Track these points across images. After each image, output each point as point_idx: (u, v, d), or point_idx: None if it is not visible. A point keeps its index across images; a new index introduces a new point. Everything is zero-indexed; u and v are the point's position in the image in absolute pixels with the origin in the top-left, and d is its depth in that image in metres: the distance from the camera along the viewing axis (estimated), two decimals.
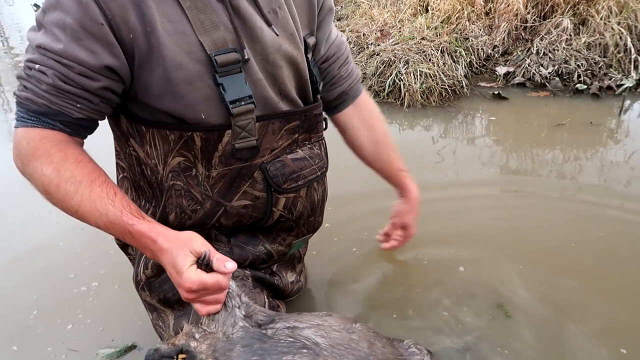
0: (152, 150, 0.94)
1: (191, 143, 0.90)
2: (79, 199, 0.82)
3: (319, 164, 1.07)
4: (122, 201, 0.84)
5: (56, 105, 0.83)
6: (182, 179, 0.95)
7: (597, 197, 1.91)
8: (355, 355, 0.87)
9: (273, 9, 0.94)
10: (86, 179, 0.83)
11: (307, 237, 1.19)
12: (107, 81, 0.83)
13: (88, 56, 0.80)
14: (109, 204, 0.82)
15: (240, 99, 0.88)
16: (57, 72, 0.80)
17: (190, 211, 0.98)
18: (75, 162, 0.84)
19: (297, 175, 1.02)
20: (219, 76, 0.86)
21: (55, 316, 1.37)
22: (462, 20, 3.62)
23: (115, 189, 0.86)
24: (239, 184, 0.97)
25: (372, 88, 3.17)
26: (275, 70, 0.95)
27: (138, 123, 0.93)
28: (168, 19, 0.82)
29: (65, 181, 0.82)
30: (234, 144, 0.92)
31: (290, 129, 1.00)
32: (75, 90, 0.82)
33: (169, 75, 0.84)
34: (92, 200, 0.82)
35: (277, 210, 1.03)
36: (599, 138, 2.50)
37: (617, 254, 1.55)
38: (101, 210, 0.82)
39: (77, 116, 0.85)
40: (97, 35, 0.79)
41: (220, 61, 0.85)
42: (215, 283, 0.77)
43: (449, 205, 1.87)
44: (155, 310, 1.10)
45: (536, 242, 1.63)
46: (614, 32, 3.25)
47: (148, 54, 0.82)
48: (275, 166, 0.99)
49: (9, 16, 7.63)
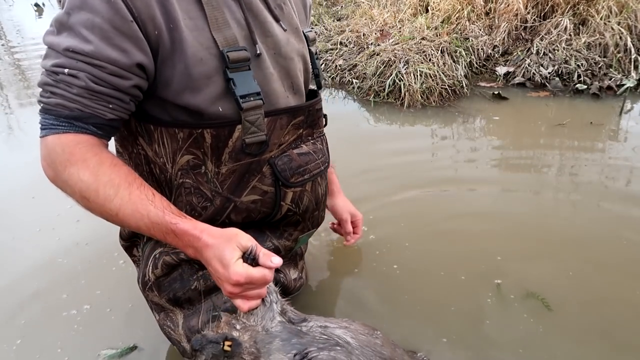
0: (161, 148, 0.96)
1: (201, 140, 0.92)
2: (119, 202, 0.81)
3: (322, 158, 1.10)
4: (162, 201, 0.84)
5: (89, 108, 0.82)
6: (192, 177, 0.97)
7: (597, 197, 1.91)
8: (381, 357, 0.92)
9: (279, 4, 0.98)
10: (124, 182, 0.83)
11: (311, 231, 1.21)
12: (138, 79, 0.84)
13: (120, 55, 0.80)
14: (150, 204, 0.82)
15: (249, 95, 0.91)
16: (89, 74, 0.79)
17: (201, 208, 1.00)
18: (111, 166, 0.83)
19: (303, 170, 1.05)
20: (230, 72, 0.89)
21: (36, 349, 1.28)
22: (462, 20, 3.62)
23: (153, 190, 0.86)
24: (248, 179, 0.99)
25: (372, 88, 3.17)
26: (287, 63, 0.99)
27: (146, 122, 0.94)
28: (189, 16, 0.85)
29: (104, 185, 0.81)
30: (244, 139, 0.94)
31: (296, 124, 1.03)
32: (108, 90, 0.82)
33: (190, 70, 0.85)
34: (132, 202, 0.82)
35: (285, 204, 1.05)
36: (599, 138, 2.50)
37: (620, 255, 1.55)
38: (142, 211, 0.82)
39: (110, 117, 0.85)
40: (127, 33, 0.79)
41: (232, 57, 0.88)
42: (262, 277, 0.79)
43: (448, 206, 1.87)
44: (162, 310, 1.11)
45: (535, 242, 1.63)
46: (614, 32, 3.25)
47: (171, 50, 0.84)
48: (282, 160, 1.01)
49: (9, 16, 7.62)
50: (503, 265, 1.50)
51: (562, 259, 1.53)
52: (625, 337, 1.23)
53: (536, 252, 1.57)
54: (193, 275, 1.04)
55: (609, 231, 1.67)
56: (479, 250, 1.58)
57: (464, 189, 2.01)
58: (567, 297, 1.36)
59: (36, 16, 7.55)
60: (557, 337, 1.23)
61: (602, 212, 1.81)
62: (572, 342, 1.21)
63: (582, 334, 1.24)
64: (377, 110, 3.03)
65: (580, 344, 1.21)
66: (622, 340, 1.22)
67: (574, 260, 1.53)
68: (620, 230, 1.67)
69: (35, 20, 7.26)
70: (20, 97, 3.52)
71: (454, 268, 1.50)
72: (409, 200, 1.90)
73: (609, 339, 1.22)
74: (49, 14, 7.63)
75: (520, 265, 1.50)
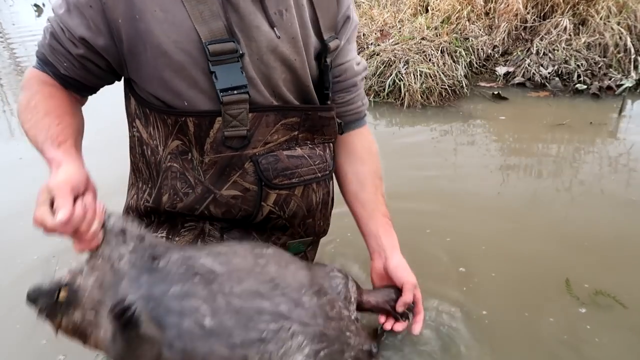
0: (155, 131, 0.98)
1: (185, 128, 0.93)
2: (29, 125, 0.91)
3: (319, 165, 1.05)
4: (57, 130, 0.88)
5: (50, 57, 0.95)
6: (179, 162, 0.98)
7: (597, 197, 1.91)
8: (258, 279, 0.82)
9: (279, 10, 0.94)
10: (42, 110, 0.91)
11: (306, 239, 1.15)
12: (86, 52, 0.92)
13: (75, 25, 0.90)
14: (44, 132, 0.87)
15: (233, 88, 0.90)
16: (55, 31, 0.92)
17: (183, 194, 0.99)
18: (44, 96, 0.93)
19: (291, 173, 1.01)
20: (211, 64, 0.88)
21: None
22: (462, 20, 3.62)
23: (61, 121, 0.90)
24: (229, 173, 0.98)
25: (372, 88, 3.17)
26: (268, 70, 0.95)
27: (144, 105, 0.97)
28: (161, 8, 0.87)
29: (29, 109, 0.92)
30: (224, 131, 0.93)
31: (287, 124, 0.99)
32: (62, 50, 0.93)
33: (155, 61, 0.89)
34: (36, 127, 0.89)
35: (267, 205, 1.01)
36: (599, 138, 2.50)
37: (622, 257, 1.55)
38: (38, 137, 0.88)
39: (64, 73, 0.95)
40: (89, 12, 0.88)
41: (212, 50, 0.88)
42: (54, 226, 0.72)
43: (449, 204, 1.87)
44: None
45: (536, 241, 1.63)
46: (614, 32, 3.25)
47: (136, 39, 0.88)
48: (267, 160, 0.98)
49: (9, 16, 7.62)
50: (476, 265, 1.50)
51: (563, 258, 1.53)
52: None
53: (536, 249, 1.57)
54: None
55: (610, 231, 1.67)
56: (478, 249, 1.58)
57: (463, 188, 2.01)
58: None
59: (35, 16, 7.57)
60: None
61: (601, 212, 1.81)
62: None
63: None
64: (377, 110, 3.03)
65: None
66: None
67: (574, 259, 1.52)
68: (620, 231, 1.67)
69: (35, 20, 7.28)
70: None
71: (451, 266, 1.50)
72: (407, 201, 1.90)
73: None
74: (49, 13, 7.63)
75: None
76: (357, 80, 1.15)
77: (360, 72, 1.16)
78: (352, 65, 1.13)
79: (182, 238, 1.04)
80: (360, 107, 1.19)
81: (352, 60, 1.13)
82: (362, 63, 1.17)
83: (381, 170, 1.20)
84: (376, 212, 1.16)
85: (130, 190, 1.15)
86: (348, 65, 1.12)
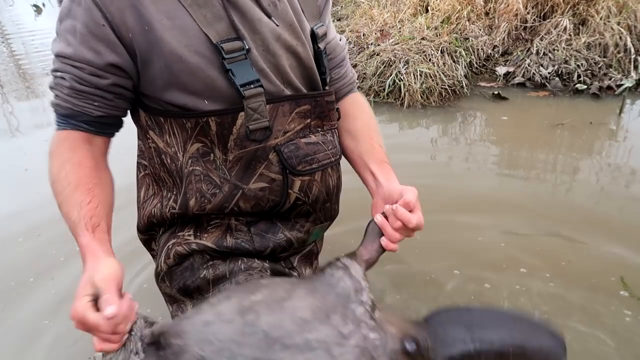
0: (172, 138, 0.99)
1: (207, 128, 0.95)
2: (61, 199, 0.88)
3: (332, 150, 1.10)
4: (91, 211, 0.86)
5: (77, 106, 0.91)
6: (201, 164, 1.00)
7: (597, 197, 1.91)
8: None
9: (273, 1, 0.98)
10: (74, 182, 0.88)
11: (325, 224, 1.20)
12: (115, 78, 0.90)
13: (94, 56, 0.87)
14: (77, 210, 0.85)
15: (249, 83, 0.93)
16: (73, 75, 0.88)
17: (210, 195, 1.01)
18: (74, 165, 0.90)
19: (311, 159, 1.05)
20: (227, 63, 0.91)
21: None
22: (462, 20, 3.62)
23: (94, 198, 0.88)
24: (255, 166, 1.00)
25: (372, 88, 3.17)
26: (276, 59, 0.99)
27: (156, 115, 0.98)
28: (167, 16, 0.88)
29: (60, 180, 0.89)
30: (247, 125, 0.96)
31: (301, 112, 1.03)
32: (90, 89, 0.90)
33: (170, 68, 0.89)
34: (68, 202, 0.87)
35: (294, 192, 1.05)
36: (599, 138, 2.50)
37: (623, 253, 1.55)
38: (70, 214, 0.86)
39: (97, 114, 0.92)
40: (100, 36, 0.86)
41: (227, 49, 0.90)
42: (95, 325, 0.70)
43: (448, 204, 1.88)
44: (175, 301, 1.12)
45: (535, 241, 1.63)
46: (614, 32, 3.25)
47: (148, 51, 0.88)
48: (289, 148, 1.02)
49: (9, 17, 7.63)
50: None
51: (561, 257, 1.53)
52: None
53: (535, 249, 1.57)
54: (203, 265, 1.06)
55: (609, 231, 1.67)
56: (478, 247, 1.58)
57: (463, 187, 2.01)
58: None
59: (35, 16, 7.59)
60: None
61: (602, 212, 1.81)
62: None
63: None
64: (377, 110, 3.03)
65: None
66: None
67: (573, 259, 1.52)
68: (620, 231, 1.67)
69: (35, 20, 7.29)
70: (20, 97, 3.56)
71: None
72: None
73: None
74: (49, 13, 7.65)
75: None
76: (345, 54, 1.22)
77: (344, 46, 1.23)
78: (337, 41, 1.20)
79: (209, 235, 1.07)
80: (352, 77, 1.25)
81: (337, 36, 1.19)
82: (342, 37, 1.23)
83: (377, 125, 1.22)
84: (372, 159, 1.14)
85: (152, 200, 1.15)
86: (334, 42, 1.18)
